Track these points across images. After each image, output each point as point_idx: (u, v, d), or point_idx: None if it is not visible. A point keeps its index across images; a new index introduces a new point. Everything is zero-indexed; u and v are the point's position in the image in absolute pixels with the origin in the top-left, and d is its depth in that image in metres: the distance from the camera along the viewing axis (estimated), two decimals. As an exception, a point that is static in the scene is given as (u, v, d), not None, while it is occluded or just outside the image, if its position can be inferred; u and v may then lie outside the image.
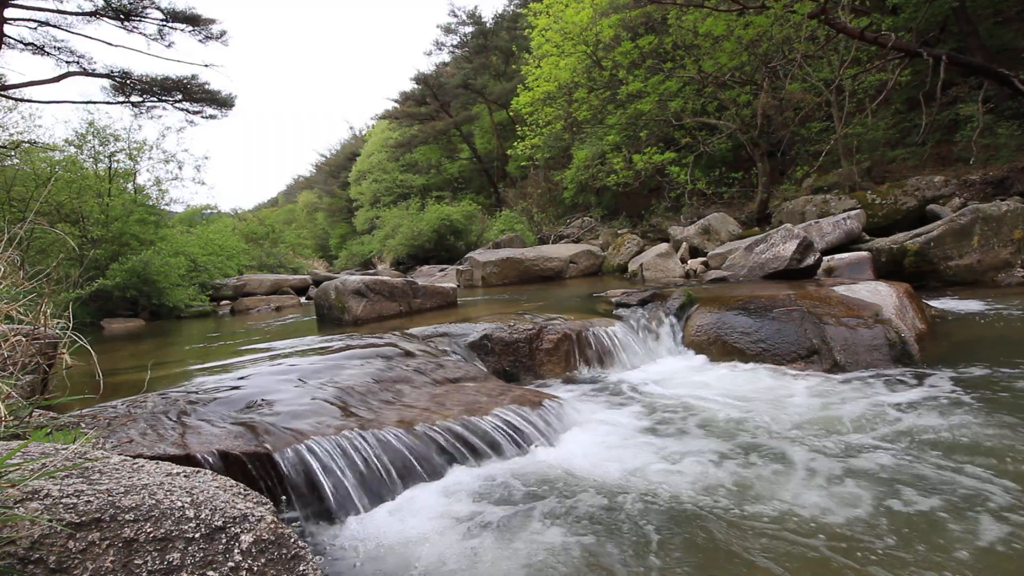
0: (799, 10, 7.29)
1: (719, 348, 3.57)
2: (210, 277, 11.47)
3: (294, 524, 1.77)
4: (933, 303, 4.42)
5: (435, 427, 2.22)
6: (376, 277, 5.28)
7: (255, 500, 1.38)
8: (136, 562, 0.95)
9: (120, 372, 3.67)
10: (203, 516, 1.07)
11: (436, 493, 1.95)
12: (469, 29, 22.75)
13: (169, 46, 13.35)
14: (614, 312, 4.14)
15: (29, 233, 6.71)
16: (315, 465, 1.90)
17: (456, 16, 22.64)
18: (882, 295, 3.61)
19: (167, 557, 0.98)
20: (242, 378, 2.76)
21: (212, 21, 13.32)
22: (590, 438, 2.39)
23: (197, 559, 1.00)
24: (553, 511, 1.77)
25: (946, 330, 3.76)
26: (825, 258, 5.33)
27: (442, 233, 17.41)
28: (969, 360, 3.04)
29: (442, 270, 13.57)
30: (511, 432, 2.31)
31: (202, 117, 14.55)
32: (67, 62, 12.57)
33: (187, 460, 1.75)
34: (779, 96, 9.43)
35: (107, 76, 13.04)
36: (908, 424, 2.29)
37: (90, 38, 12.78)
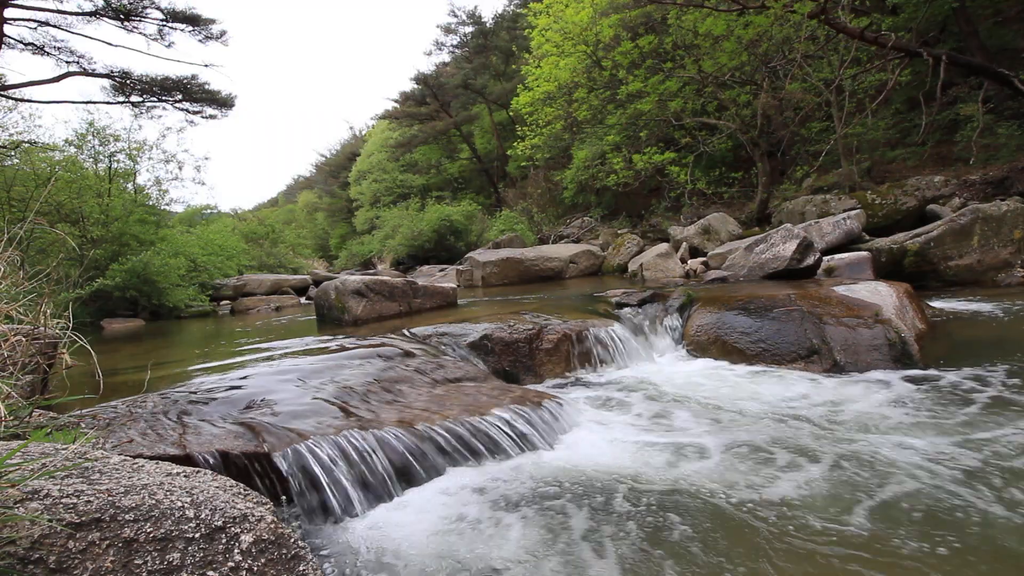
0: (799, 10, 7.29)
1: (719, 348, 3.57)
2: (210, 277, 11.47)
3: (294, 524, 1.77)
4: (933, 303, 4.42)
5: (435, 427, 2.22)
6: (376, 277, 5.27)
7: (255, 500, 1.38)
8: (136, 562, 0.95)
9: (120, 372, 3.67)
10: (203, 516, 1.07)
11: (436, 493, 1.95)
12: (469, 29, 22.74)
13: (169, 46, 13.35)
14: (614, 312, 4.13)
15: (29, 233, 6.71)
16: (315, 465, 1.90)
17: (456, 16, 22.64)
18: (882, 295, 3.61)
19: (167, 557, 0.98)
20: (242, 378, 2.76)
21: (212, 21, 13.33)
22: (590, 438, 2.39)
23: (197, 559, 1.00)
24: (553, 511, 1.77)
25: (946, 330, 3.76)
26: (825, 258, 5.33)
27: (442, 233, 17.40)
28: (969, 360, 3.04)
29: (442, 270, 13.57)
30: (511, 432, 2.31)
31: (202, 117, 14.55)
32: (67, 62, 12.57)
33: (187, 460, 1.75)
34: (779, 96, 9.43)
35: (107, 76, 13.03)
36: (908, 424, 2.29)
37: (90, 38, 12.81)
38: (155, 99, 13.81)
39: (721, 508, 1.72)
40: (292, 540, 1.13)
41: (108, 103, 13.20)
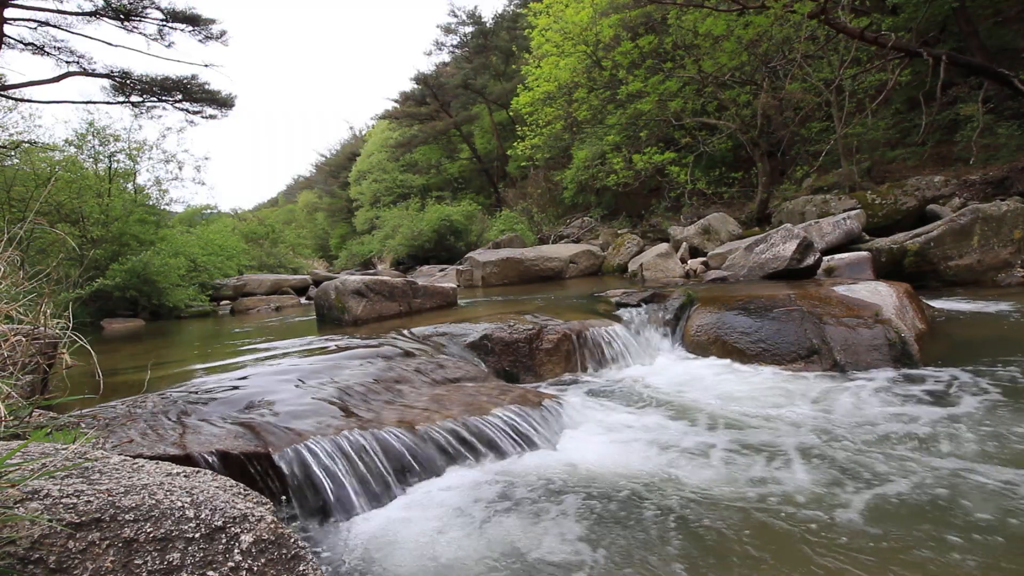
0: (799, 10, 7.28)
1: (719, 348, 3.57)
2: (210, 277, 11.47)
3: (294, 524, 1.77)
4: (933, 303, 4.42)
5: (435, 427, 2.22)
6: (376, 277, 5.27)
7: (255, 500, 1.38)
8: (136, 562, 0.95)
9: (120, 372, 3.67)
10: (203, 516, 1.07)
11: (436, 493, 1.95)
12: (469, 29, 22.73)
13: (169, 46, 13.34)
14: (614, 312, 4.13)
15: (29, 233, 6.71)
16: (315, 465, 1.90)
17: (456, 16, 22.64)
18: (882, 295, 3.61)
19: (167, 557, 0.97)
20: (242, 378, 2.76)
21: (212, 21, 13.32)
22: (590, 438, 2.39)
23: (197, 559, 1.00)
24: (553, 510, 1.77)
25: (946, 330, 3.76)
26: (825, 258, 5.33)
27: (442, 233, 17.40)
28: (969, 360, 3.04)
29: (442, 270, 13.57)
30: (511, 432, 2.31)
31: (202, 117, 14.54)
32: (67, 62, 12.56)
33: (187, 460, 1.75)
34: (779, 96, 9.43)
35: (107, 76, 13.03)
36: (907, 424, 2.29)
37: (90, 38, 12.80)
38: (155, 99, 13.80)
39: (721, 508, 1.72)
40: (292, 540, 1.13)
41: (108, 103, 13.19)
